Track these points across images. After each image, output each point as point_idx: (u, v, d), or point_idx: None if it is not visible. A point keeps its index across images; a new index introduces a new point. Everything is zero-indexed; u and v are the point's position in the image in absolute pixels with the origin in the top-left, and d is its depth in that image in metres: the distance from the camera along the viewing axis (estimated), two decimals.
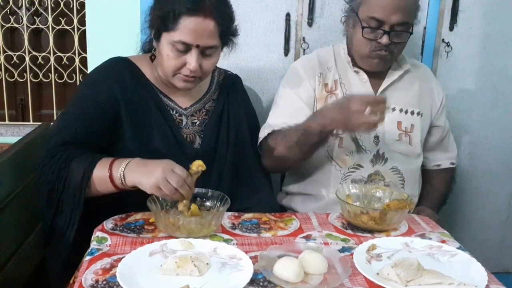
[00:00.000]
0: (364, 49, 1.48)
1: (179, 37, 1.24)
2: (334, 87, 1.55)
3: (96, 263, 1.00)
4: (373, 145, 1.54)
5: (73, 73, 2.58)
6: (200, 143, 1.42)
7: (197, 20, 1.23)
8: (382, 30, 1.43)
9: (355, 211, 1.24)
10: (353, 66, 1.56)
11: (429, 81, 1.66)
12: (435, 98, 1.65)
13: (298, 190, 1.63)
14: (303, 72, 1.57)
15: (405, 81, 1.60)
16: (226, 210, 1.18)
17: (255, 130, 1.56)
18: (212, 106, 1.47)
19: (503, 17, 1.94)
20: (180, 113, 1.41)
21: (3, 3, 2.50)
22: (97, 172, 1.19)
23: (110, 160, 1.20)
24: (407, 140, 1.57)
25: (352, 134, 1.53)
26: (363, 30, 1.44)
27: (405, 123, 1.57)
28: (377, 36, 1.44)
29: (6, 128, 2.56)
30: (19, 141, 1.53)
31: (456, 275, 0.99)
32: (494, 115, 2.05)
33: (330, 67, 1.58)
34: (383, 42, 1.43)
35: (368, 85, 1.56)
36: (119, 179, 1.17)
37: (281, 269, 0.96)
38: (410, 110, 1.58)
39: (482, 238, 2.16)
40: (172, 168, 1.14)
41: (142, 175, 1.15)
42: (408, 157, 1.58)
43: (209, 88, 1.49)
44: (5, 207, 1.36)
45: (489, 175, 2.10)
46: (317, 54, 1.62)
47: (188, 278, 0.95)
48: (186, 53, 1.28)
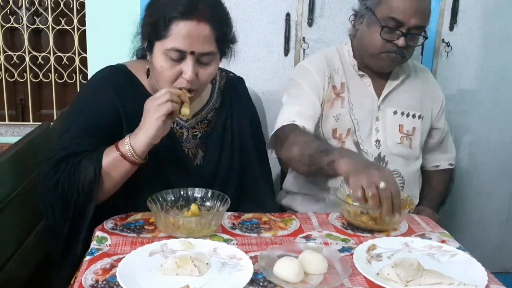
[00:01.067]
0: (377, 49, 1.46)
1: (172, 44, 1.15)
2: (341, 90, 1.54)
3: (96, 263, 1.00)
4: (375, 148, 1.54)
5: (73, 73, 2.58)
6: (203, 156, 1.37)
7: (190, 25, 1.15)
8: (400, 31, 1.42)
9: (355, 211, 1.24)
10: (358, 70, 1.55)
11: (430, 84, 1.66)
12: (435, 100, 1.66)
13: (298, 190, 1.63)
14: (313, 70, 1.53)
15: (407, 84, 1.60)
16: (226, 210, 1.18)
17: (259, 136, 1.52)
18: (215, 116, 1.40)
19: (503, 17, 1.95)
20: (180, 126, 1.35)
21: (3, 3, 2.51)
22: (106, 160, 1.17)
23: (114, 144, 1.18)
24: (408, 143, 1.57)
25: (354, 138, 1.53)
26: (382, 30, 1.42)
27: (406, 126, 1.57)
28: (394, 37, 1.43)
29: (6, 128, 2.56)
30: (19, 141, 1.52)
31: (456, 275, 0.98)
32: (494, 115, 2.05)
33: (337, 69, 1.56)
34: (400, 44, 1.42)
35: (371, 89, 1.55)
36: (130, 153, 1.16)
37: (281, 269, 0.96)
38: (411, 113, 1.58)
39: (482, 238, 2.16)
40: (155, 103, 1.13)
41: (142, 130, 1.14)
42: (408, 160, 1.58)
43: (211, 96, 1.41)
44: (5, 207, 1.36)
45: (489, 175, 2.11)
46: (324, 55, 1.59)
47: (188, 278, 0.95)
48: (181, 62, 1.18)
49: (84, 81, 2.55)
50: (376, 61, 1.49)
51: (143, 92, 1.31)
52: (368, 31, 1.47)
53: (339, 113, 1.53)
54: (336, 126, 1.53)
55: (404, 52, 1.45)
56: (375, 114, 1.56)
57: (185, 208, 1.22)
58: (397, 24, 1.42)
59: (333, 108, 1.53)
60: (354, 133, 1.53)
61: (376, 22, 1.44)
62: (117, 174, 1.18)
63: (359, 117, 1.54)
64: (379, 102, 1.56)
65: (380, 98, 1.56)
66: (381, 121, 1.56)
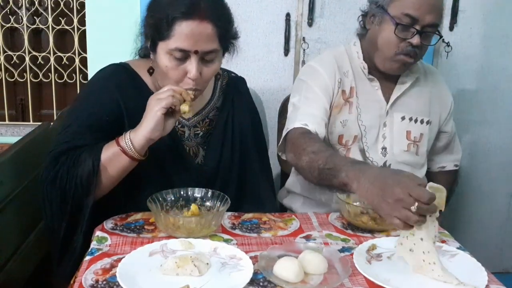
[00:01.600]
0: (391, 50, 1.39)
1: (175, 44, 1.16)
2: (350, 95, 1.49)
3: (96, 263, 1.00)
4: (381, 156, 1.50)
5: (73, 73, 2.58)
6: (204, 155, 1.38)
7: (192, 24, 1.15)
8: (414, 29, 1.35)
9: (355, 211, 1.24)
10: (368, 74, 1.49)
11: (439, 87, 1.60)
12: (444, 105, 1.60)
13: (300, 192, 1.61)
14: (324, 72, 1.48)
15: (416, 87, 1.53)
16: (226, 210, 1.18)
17: (260, 136, 1.52)
18: (216, 115, 1.40)
19: (503, 17, 1.95)
20: (182, 124, 1.35)
21: (3, 3, 2.51)
22: (105, 154, 1.17)
23: (115, 139, 1.18)
24: (414, 150, 1.53)
25: (360, 145, 1.49)
26: (396, 27, 1.36)
27: (414, 132, 1.52)
28: (408, 35, 1.37)
29: (6, 128, 2.56)
30: (19, 141, 1.53)
31: (456, 275, 0.98)
32: (494, 115, 2.05)
33: (346, 72, 1.49)
34: (414, 43, 1.36)
35: (379, 93, 1.49)
36: (129, 148, 1.16)
37: (281, 269, 0.96)
38: (419, 119, 1.53)
39: (482, 238, 2.16)
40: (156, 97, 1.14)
41: (143, 124, 1.15)
42: (414, 168, 1.53)
43: (213, 95, 1.41)
44: (5, 207, 1.36)
45: (489, 175, 2.11)
46: (334, 56, 1.52)
47: (188, 278, 0.95)
48: (185, 61, 1.19)
49: (84, 81, 2.55)
50: (389, 63, 1.42)
51: (146, 90, 1.32)
52: (381, 30, 1.41)
53: (346, 119, 1.48)
54: (342, 132, 1.48)
55: (417, 52, 1.39)
56: (383, 120, 1.50)
57: (185, 208, 1.22)
58: (412, 21, 1.35)
59: (340, 114, 1.48)
60: (360, 139, 1.48)
61: (389, 20, 1.38)
62: (115, 169, 1.18)
63: (366, 123, 1.49)
64: (387, 107, 1.49)
65: (389, 103, 1.49)
66: (389, 127, 1.50)
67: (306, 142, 1.31)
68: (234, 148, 1.40)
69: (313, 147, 1.28)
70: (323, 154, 1.24)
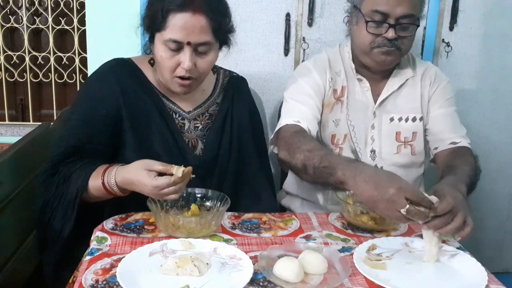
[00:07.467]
0: (366, 45, 1.41)
1: (169, 35, 1.22)
2: (341, 94, 1.50)
3: (96, 263, 1.00)
4: (370, 160, 1.49)
5: (73, 73, 2.58)
6: (202, 148, 1.40)
7: (186, 16, 1.20)
8: (387, 23, 1.37)
9: (355, 211, 1.24)
10: (357, 73, 1.50)
11: (434, 84, 1.54)
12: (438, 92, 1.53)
13: (298, 193, 1.62)
14: (315, 71, 1.49)
15: (408, 85, 1.52)
16: (226, 210, 1.18)
17: (259, 136, 1.53)
18: (216, 110, 1.44)
19: (503, 17, 1.94)
20: (183, 117, 1.39)
21: (3, 3, 2.50)
22: (92, 182, 1.21)
23: (103, 169, 1.20)
24: (407, 151, 1.51)
25: (351, 145, 1.49)
26: (367, 25, 1.38)
27: (405, 132, 1.51)
28: (382, 30, 1.38)
29: (6, 128, 2.56)
30: (19, 141, 1.53)
31: (456, 275, 0.99)
32: (494, 115, 2.05)
33: (339, 71, 1.51)
34: (389, 36, 1.37)
35: (368, 94, 1.50)
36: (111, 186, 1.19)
37: (281, 269, 0.96)
38: (411, 117, 1.51)
39: (482, 238, 2.16)
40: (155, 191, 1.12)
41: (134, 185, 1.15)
42: (409, 169, 1.52)
43: (213, 91, 1.46)
44: (5, 207, 1.36)
45: (489, 175, 2.10)
46: (328, 56, 1.54)
47: (188, 278, 0.95)
48: (179, 52, 1.24)
49: (84, 81, 2.55)
50: (370, 58, 1.43)
51: (146, 83, 1.37)
52: (357, 29, 1.43)
53: (338, 118, 1.49)
54: (335, 131, 1.49)
55: (397, 44, 1.39)
56: (371, 121, 1.50)
57: (185, 208, 1.22)
58: (382, 16, 1.37)
59: (332, 113, 1.49)
60: (350, 139, 1.49)
61: (362, 18, 1.40)
62: (101, 196, 1.23)
63: (355, 123, 1.49)
64: (374, 108, 1.50)
65: (376, 104, 1.50)
66: (377, 129, 1.50)
67: (300, 141, 1.32)
68: (232, 142, 1.44)
69: (307, 146, 1.29)
70: (318, 153, 1.25)
